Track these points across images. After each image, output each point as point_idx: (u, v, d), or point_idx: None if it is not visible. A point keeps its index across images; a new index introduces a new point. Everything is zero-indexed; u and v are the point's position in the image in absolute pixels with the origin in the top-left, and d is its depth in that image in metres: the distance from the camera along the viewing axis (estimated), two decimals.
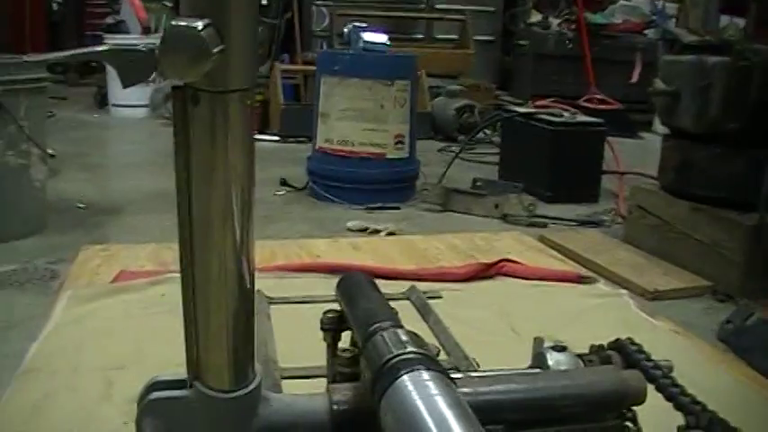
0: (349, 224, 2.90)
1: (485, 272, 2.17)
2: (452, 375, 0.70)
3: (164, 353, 1.70)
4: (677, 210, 2.55)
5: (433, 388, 0.61)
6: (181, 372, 0.75)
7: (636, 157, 4.21)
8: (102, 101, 6.17)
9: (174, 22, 0.56)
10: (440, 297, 1.96)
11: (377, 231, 2.80)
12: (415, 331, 0.75)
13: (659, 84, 2.55)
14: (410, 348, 0.68)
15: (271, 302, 1.88)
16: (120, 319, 1.82)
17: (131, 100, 5.80)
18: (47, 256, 2.42)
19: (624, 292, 2.18)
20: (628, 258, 2.55)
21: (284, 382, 1.45)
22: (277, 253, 2.36)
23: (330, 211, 3.16)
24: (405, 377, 0.63)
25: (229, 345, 0.70)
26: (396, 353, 0.67)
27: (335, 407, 0.76)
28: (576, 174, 3.48)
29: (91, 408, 1.40)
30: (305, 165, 3.50)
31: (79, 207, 3.07)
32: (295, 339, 1.62)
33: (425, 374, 0.63)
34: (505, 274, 2.19)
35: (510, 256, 2.32)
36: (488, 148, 4.66)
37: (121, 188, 3.48)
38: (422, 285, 1.97)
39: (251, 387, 0.73)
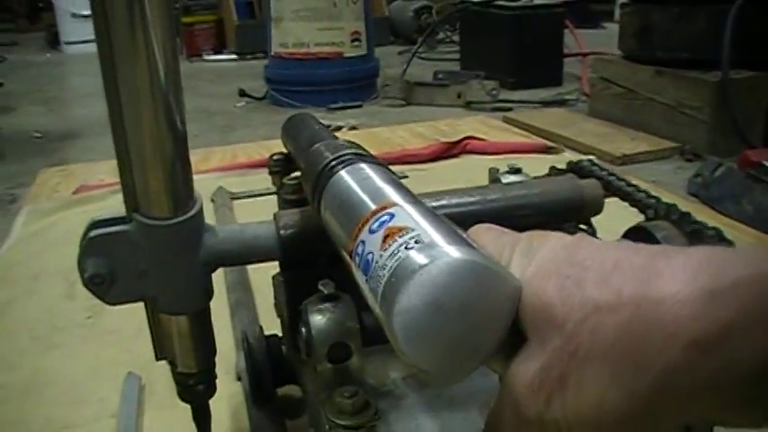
0: None
1: (449, 151, 2.14)
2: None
3: None
4: (640, 76, 2.52)
5: (370, 172, 0.58)
6: None
7: (599, 44, 4.16)
8: (53, 40, 6.01)
9: None
10: (405, 177, 1.94)
11: (338, 128, 2.76)
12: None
13: None
14: (349, 151, 0.65)
15: (233, 197, 1.86)
16: (82, 227, 1.78)
17: (83, 35, 5.64)
18: (5, 183, 2.37)
19: (591, 157, 2.16)
20: (594, 129, 2.53)
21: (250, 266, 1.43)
22: (239, 155, 2.33)
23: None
24: (342, 172, 0.60)
25: (166, 170, 0.67)
26: (333, 156, 0.64)
27: (283, 231, 0.73)
28: (538, 58, 3.44)
29: (54, 306, 1.38)
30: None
31: (36, 137, 3.00)
32: None
33: (363, 165, 0.60)
34: (471, 152, 2.17)
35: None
36: (450, 47, 4.60)
37: (77, 116, 3.40)
38: None
39: (192, 212, 0.69)
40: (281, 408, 0.91)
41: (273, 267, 0.81)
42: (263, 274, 1.13)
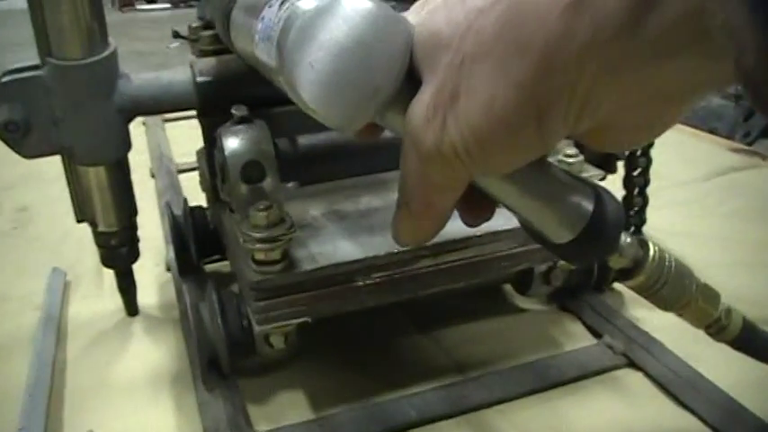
0: None
1: None
2: None
3: (57, 171, 1.63)
4: None
5: None
6: None
7: None
8: None
9: None
10: None
11: None
12: None
13: None
14: None
15: (165, 120, 1.83)
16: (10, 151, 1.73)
17: None
18: None
19: None
20: None
21: (181, 176, 1.41)
22: None
23: None
24: None
25: (77, 7, 0.66)
26: None
27: (199, 78, 0.72)
28: None
29: None
30: None
31: None
32: (189, 144, 1.58)
33: None
34: None
35: None
36: None
37: (6, 62, 3.31)
38: None
39: (105, 53, 0.68)
40: (207, 278, 0.90)
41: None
42: (191, 181, 1.12)
